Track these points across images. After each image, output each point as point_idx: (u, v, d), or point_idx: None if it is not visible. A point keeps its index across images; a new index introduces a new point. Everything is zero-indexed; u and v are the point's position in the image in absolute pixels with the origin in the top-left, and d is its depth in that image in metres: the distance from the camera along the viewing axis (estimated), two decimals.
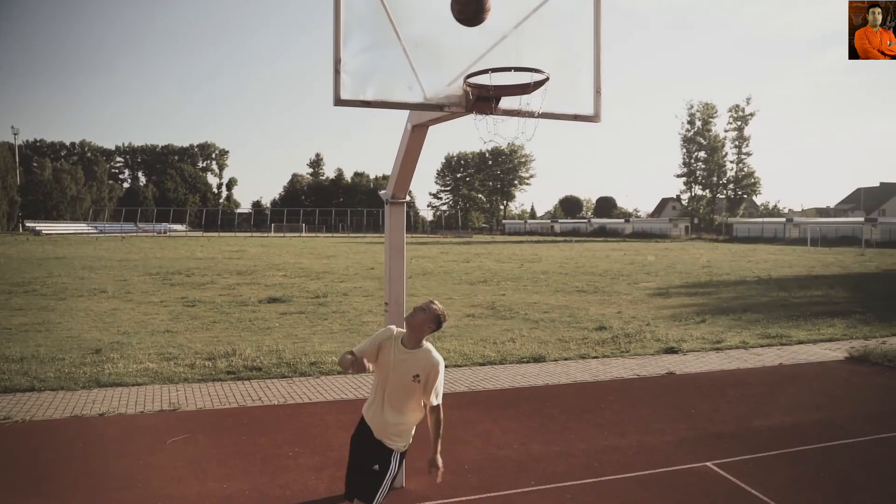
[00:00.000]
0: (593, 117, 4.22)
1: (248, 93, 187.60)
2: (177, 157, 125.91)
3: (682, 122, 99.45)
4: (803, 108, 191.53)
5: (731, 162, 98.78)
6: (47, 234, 71.10)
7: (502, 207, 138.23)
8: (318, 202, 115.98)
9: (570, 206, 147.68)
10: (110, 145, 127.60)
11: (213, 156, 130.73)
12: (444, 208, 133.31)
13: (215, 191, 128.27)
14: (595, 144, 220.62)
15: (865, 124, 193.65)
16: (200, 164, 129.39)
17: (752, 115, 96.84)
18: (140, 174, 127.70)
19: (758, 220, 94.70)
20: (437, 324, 4.14)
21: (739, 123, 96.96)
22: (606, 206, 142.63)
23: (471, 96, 3.85)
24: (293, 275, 25.45)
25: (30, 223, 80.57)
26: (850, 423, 7.35)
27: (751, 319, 14.87)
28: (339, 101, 3.57)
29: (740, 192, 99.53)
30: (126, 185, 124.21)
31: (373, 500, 4.10)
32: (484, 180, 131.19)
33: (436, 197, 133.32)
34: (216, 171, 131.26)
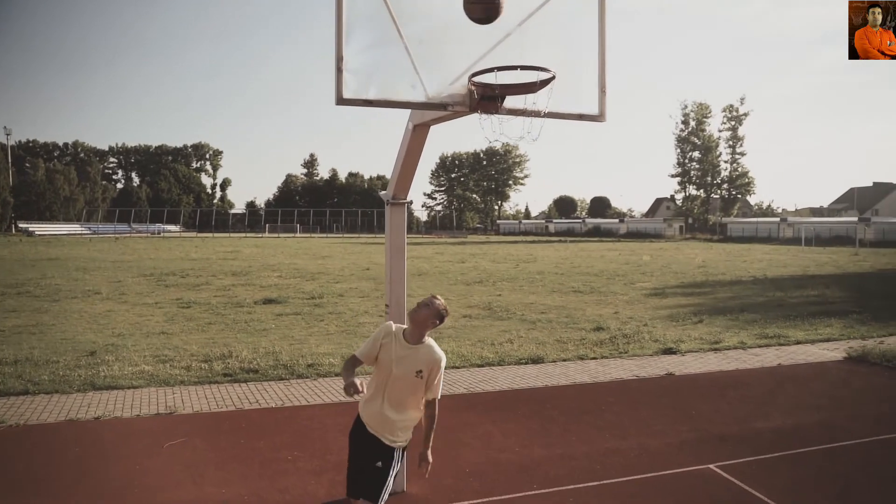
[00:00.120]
0: (598, 117, 4.16)
1: (242, 93, 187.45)
2: (170, 158, 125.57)
3: (677, 122, 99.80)
4: (796, 109, 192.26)
5: (726, 162, 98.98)
6: (40, 235, 70.75)
7: (497, 208, 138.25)
8: (312, 202, 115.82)
9: (564, 206, 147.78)
10: (103, 146, 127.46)
11: (207, 156, 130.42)
12: (439, 208, 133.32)
13: (209, 191, 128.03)
14: (589, 144, 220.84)
15: (858, 124, 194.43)
16: (194, 165, 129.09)
17: (745, 115, 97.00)
18: (133, 175, 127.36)
19: (752, 219, 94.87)
20: (440, 319, 4.13)
21: (733, 123, 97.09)
22: (601, 206, 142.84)
23: (475, 95, 3.78)
24: (288, 276, 25.35)
25: (22, 224, 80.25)
26: (851, 423, 7.31)
27: (748, 320, 14.85)
28: (341, 101, 3.49)
29: (734, 192, 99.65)
30: (119, 185, 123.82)
31: (378, 497, 4.07)
32: (478, 180, 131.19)
33: (430, 197, 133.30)
34: (210, 171, 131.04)
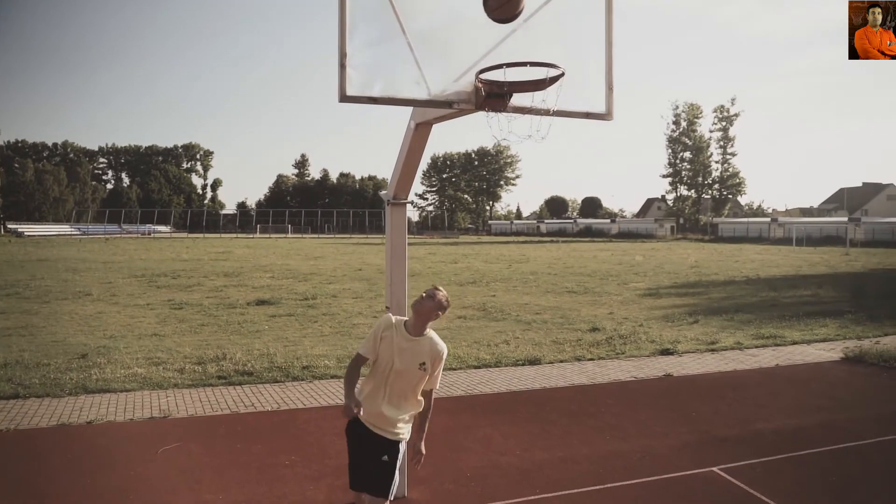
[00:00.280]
0: (605, 115, 4.07)
1: (234, 94, 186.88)
2: (161, 158, 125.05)
3: (668, 123, 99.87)
4: (786, 109, 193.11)
5: (717, 162, 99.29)
6: (30, 236, 70.35)
7: (488, 208, 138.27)
8: (303, 203, 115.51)
9: (555, 206, 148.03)
10: (93, 146, 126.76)
11: (198, 156, 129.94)
12: (431, 209, 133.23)
13: (200, 192, 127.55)
14: (580, 145, 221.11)
15: (848, 125, 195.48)
16: (185, 165, 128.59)
17: (736, 115, 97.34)
18: (124, 175, 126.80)
19: (743, 220, 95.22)
20: (443, 310, 4.10)
21: (724, 124, 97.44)
22: (592, 206, 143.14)
23: (482, 92, 3.68)
24: (280, 276, 25.20)
25: (11, 225, 79.76)
26: (853, 424, 7.26)
27: (743, 320, 14.82)
28: (344, 98, 3.39)
29: (725, 193, 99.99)
30: (109, 186, 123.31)
31: (388, 492, 4.05)
32: (470, 181, 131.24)
33: (422, 197, 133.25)
34: (201, 171, 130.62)
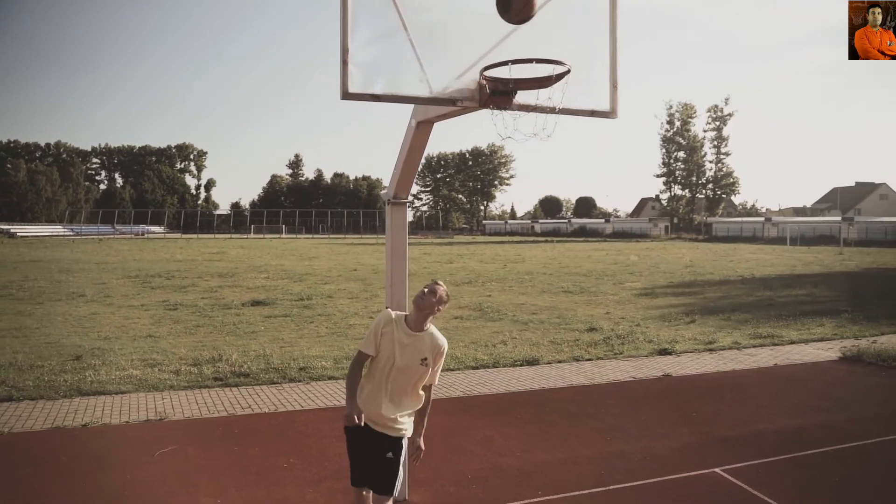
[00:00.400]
0: (610, 113, 4.02)
1: (227, 94, 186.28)
2: (154, 159, 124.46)
3: (662, 123, 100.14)
4: (779, 109, 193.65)
5: (710, 162, 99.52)
6: (22, 237, 69.96)
7: (483, 208, 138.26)
8: (297, 203, 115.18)
9: (549, 206, 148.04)
10: (86, 146, 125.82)
11: (192, 157, 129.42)
12: (425, 209, 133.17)
13: (193, 192, 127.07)
14: (574, 144, 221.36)
15: (840, 124, 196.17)
16: (178, 166, 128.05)
17: (730, 115, 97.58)
18: (117, 175, 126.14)
19: (737, 219, 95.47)
20: (443, 304, 4.08)
21: (718, 124, 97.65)
22: (586, 206, 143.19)
23: (487, 89, 3.62)
24: (275, 277, 25.10)
25: (4, 225, 79.27)
26: (854, 425, 7.22)
27: (740, 319, 14.80)
28: (346, 95, 3.33)
29: (719, 192, 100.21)
30: (103, 186, 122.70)
31: (393, 489, 4.03)
32: (464, 181, 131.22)
33: (416, 197, 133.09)
34: (194, 172, 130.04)
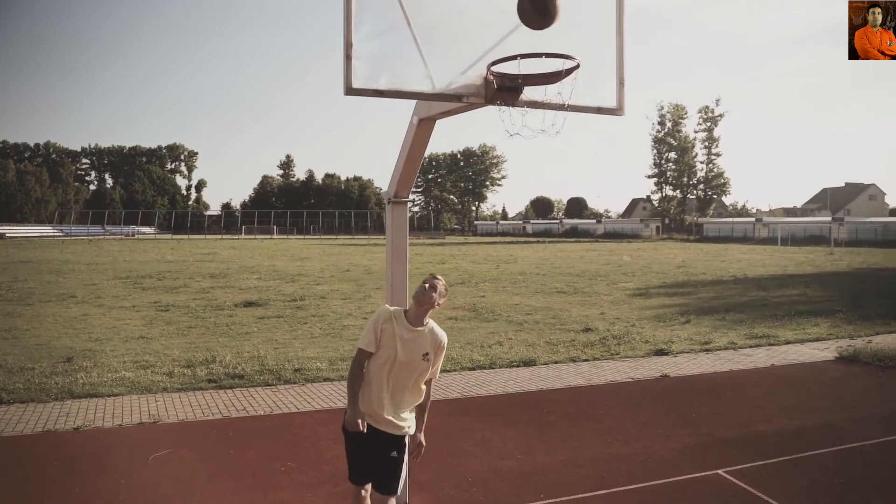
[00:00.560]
0: (616, 110, 3.96)
1: (218, 94, 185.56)
2: (144, 159, 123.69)
3: (653, 123, 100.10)
4: (769, 110, 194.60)
5: (701, 162, 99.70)
6: (11, 238, 69.47)
7: (474, 209, 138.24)
8: (288, 204, 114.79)
9: (541, 206, 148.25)
10: (76, 147, 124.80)
11: (182, 157, 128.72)
12: (416, 209, 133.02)
13: (184, 193, 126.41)
14: (565, 145, 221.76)
15: (830, 125, 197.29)
16: (169, 166, 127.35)
17: (721, 116, 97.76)
18: (107, 176, 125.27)
19: (727, 220, 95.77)
20: (443, 298, 4.05)
21: (709, 124, 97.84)
22: (577, 206, 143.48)
23: (494, 85, 3.54)
24: (267, 277, 24.96)
25: None
26: (854, 425, 7.18)
27: (735, 319, 14.78)
28: (350, 90, 3.25)
29: (710, 193, 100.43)
30: (92, 187, 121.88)
31: (397, 487, 4.00)
32: (455, 181, 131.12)
33: None
34: (185, 172, 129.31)
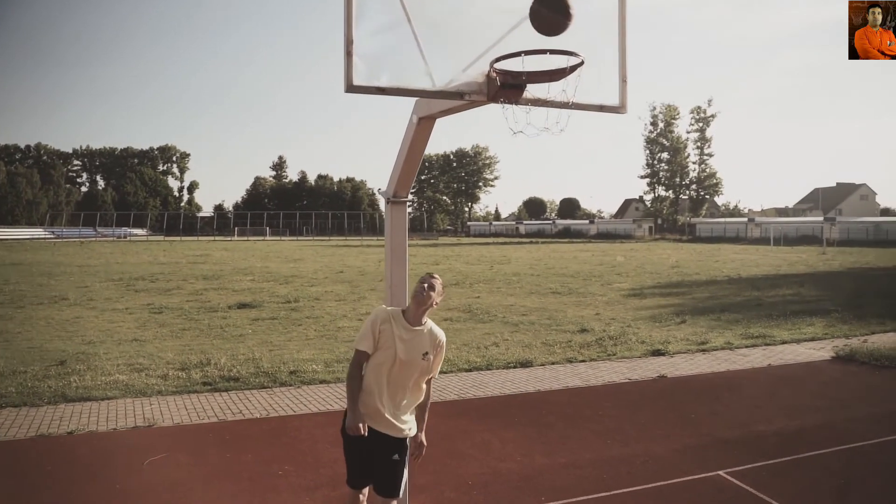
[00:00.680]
0: (619, 108, 3.90)
1: (210, 95, 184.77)
2: (136, 161, 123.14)
3: (646, 124, 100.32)
4: (760, 110, 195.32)
5: (694, 163, 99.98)
6: (2, 240, 68.93)
7: (467, 209, 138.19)
8: (281, 205, 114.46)
9: (534, 207, 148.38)
10: (67, 148, 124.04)
11: (174, 159, 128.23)
12: (409, 210, 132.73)
13: (176, 194, 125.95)
14: (557, 145, 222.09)
15: (821, 126, 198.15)
16: (161, 168, 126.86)
17: (713, 116, 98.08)
18: (98, 178, 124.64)
19: (720, 220, 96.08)
20: (441, 296, 4.05)
21: (701, 125, 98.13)
22: (570, 207, 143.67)
23: (497, 82, 3.49)
24: (261, 279, 24.84)
25: None
26: (854, 425, 7.16)
27: (730, 319, 14.78)
28: (351, 88, 3.19)
29: (703, 193, 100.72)
30: (84, 188, 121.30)
31: (399, 490, 3.96)
32: (448, 182, 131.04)
33: None
34: (177, 174, 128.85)
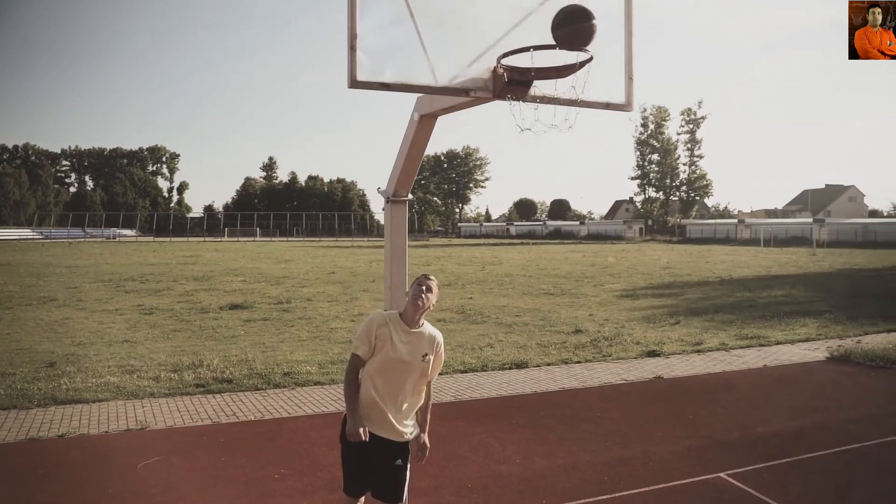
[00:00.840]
0: (625, 105, 3.85)
1: (200, 96, 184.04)
2: (126, 161, 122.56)
3: (636, 125, 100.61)
4: (750, 112, 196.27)
5: (684, 164, 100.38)
6: None
7: (458, 210, 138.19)
8: (271, 206, 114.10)
9: (524, 208, 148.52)
10: (56, 148, 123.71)
11: (164, 159, 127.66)
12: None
13: (166, 195, 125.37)
14: (548, 146, 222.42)
15: (810, 127, 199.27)
16: (150, 168, 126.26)
17: (703, 118, 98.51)
18: (87, 178, 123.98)
19: (710, 221, 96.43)
20: (436, 297, 3.99)
21: (691, 126, 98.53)
22: (560, 208, 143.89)
23: (504, 78, 3.42)
24: (252, 280, 24.70)
25: None
26: (852, 426, 7.13)
27: (724, 320, 14.77)
28: (354, 83, 3.12)
29: (693, 194, 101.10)
30: (73, 189, 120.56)
31: (403, 495, 3.88)
32: (439, 183, 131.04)
33: None
34: (167, 174, 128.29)
